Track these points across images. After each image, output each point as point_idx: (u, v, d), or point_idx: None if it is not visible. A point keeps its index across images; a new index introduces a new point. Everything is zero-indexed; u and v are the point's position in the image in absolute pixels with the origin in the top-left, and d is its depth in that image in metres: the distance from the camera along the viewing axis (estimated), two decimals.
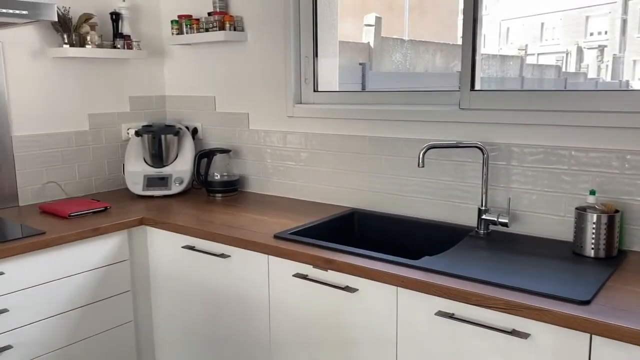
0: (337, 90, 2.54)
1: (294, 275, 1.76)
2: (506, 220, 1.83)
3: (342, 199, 2.33)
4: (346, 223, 2.18)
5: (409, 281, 1.51)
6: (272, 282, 1.85)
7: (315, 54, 2.45)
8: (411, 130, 2.10)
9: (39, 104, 2.42)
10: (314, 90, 2.45)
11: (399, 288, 1.55)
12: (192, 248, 2.05)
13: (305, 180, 2.43)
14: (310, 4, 2.39)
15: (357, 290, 1.64)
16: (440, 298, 1.47)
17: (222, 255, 1.96)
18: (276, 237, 1.86)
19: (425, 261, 1.60)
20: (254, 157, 2.60)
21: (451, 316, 1.46)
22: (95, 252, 2.06)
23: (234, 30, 2.51)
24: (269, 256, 1.83)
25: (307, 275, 1.74)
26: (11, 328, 1.84)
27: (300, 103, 2.45)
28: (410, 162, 2.12)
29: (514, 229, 1.90)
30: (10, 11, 1.86)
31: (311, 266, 1.72)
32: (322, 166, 2.37)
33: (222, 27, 2.49)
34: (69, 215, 2.14)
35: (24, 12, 1.90)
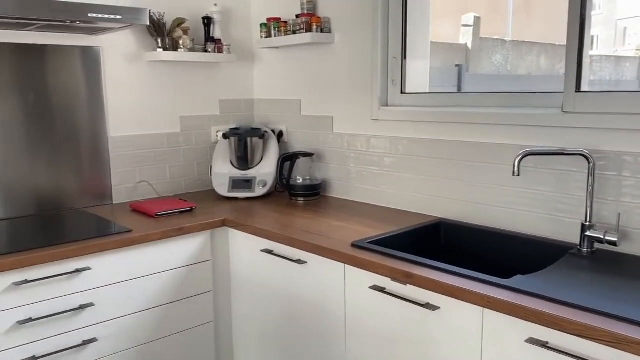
0: (427, 92, 2.41)
1: (370, 287, 1.67)
2: (615, 239, 1.60)
3: (428, 208, 2.19)
4: (431, 234, 2.05)
5: (497, 302, 1.36)
6: (348, 292, 1.76)
7: (404, 55, 2.33)
8: (507, 135, 1.93)
9: (134, 106, 2.52)
10: (402, 92, 2.33)
11: (485, 309, 1.40)
12: (270, 252, 2.02)
13: (390, 186, 2.33)
14: (400, 4, 2.29)
15: (439, 308, 1.51)
16: (533, 324, 1.30)
17: (299, 261, 1.91)
18: (354, 245, 1.77)
19: (516, 280, 1.44)
20: (337, 161, 2.54)
21: (544, 345, 1.29)
22: (179, 252, 2.09)
23: (321, 31, 2.46)
24: (346, 265, 1.75)
25: (384, 288, 1.64)
26: (97, 322, 1.91)
27: (387, 105, 2.35)
28: (505, 170, 1.94)
29: (623, 248, 1.67)
30: (106, 16, 1.94)
31: (389, 279, 1.62)
32: (408, 172, 2.25)
33: (309, 29, 2.46)
34: (156, 215, 2.20)
35: (118, 17, 1.97)
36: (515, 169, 1.63)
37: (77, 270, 1.84)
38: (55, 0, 1.83)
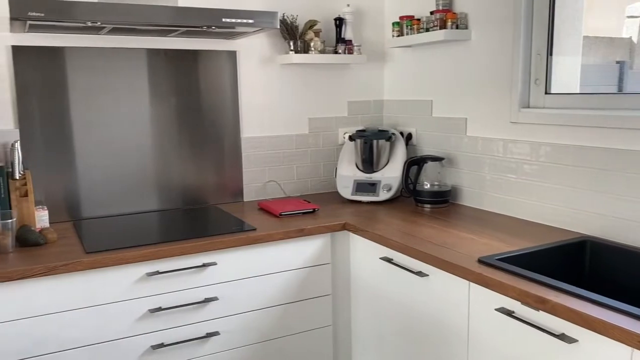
0: (577, 92, 2.14)
1: (497, 310, 1.50)
2: None
3: (572, 223, 1.94)
4: (574, 254, 1.80)
5: None
6: (472, 312, 1.61)
7: (550, 51, 2.09)
8: None
9: (265, 108, 2.58)
10: (546, 93, 2.10)
11: (634, 350, 1.18)
12: (389, 260, 1.93)
13: (528, 196, 2.10)
14: None
15: (576, 341, 1.31)
16: None
17: (420, 274, 1.79)
18: (481, 261, 1.62)
19: None
20: (470, 166, 2.36)
21: None
22: (299, 253, 2.09)
23: (456, 28, 2.31)
24: (470, 283, 1.60)
25: (513, 312, 1.47)
26: (219, 316, 1.97)
27: (528, 107, 2.13)
28: None
29: None
30: (239, 20, 1.99)
31: (519, 302, 1.44)
32: (551, 182, 2.02)
33: (443, 26, 2.32)
34: (280, 214, 2.22)
35: (251, 21, 2.02)
36: None
37: (204, 265, 1.92)
38: (193, 7, 1.93)
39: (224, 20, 1.97)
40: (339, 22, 2.62)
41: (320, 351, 2.19)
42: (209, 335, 1.96)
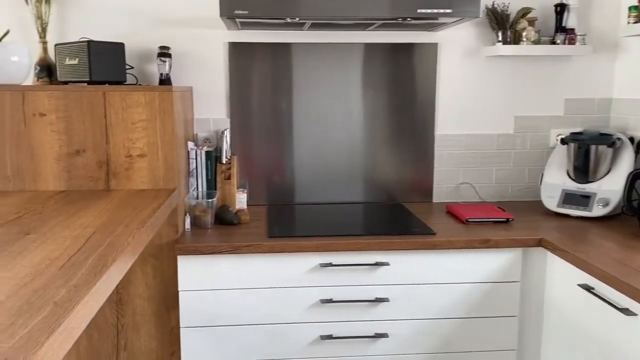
0: None
1: None
2: None
3: None
4: None
5: None
6: None
7: None
8: None
9: (464, 104, 2.40)
10: None
11: None
12: (589, 289, 1.62)
13: None
14: None
15: None
16: None
17: (626, 311, 1.46)
18: None
19: None
20: None
21: None
22: (482, 265, 1.90)
23: None
24: None
25: None
26: (389, 318, 1.91)
27: None
28: None
29: None
30: (435, 11, 1.87)
31: None
32: None
33: None
34: (466, 221, 2.05)
35: (448, 11, 1.88)
36: None
37: (377, 264, 1.87)
38: None
39: (419, 11, 1.88)
40: (561, 8, 2.29)
41: None
42: (378, 335, 1.91)
